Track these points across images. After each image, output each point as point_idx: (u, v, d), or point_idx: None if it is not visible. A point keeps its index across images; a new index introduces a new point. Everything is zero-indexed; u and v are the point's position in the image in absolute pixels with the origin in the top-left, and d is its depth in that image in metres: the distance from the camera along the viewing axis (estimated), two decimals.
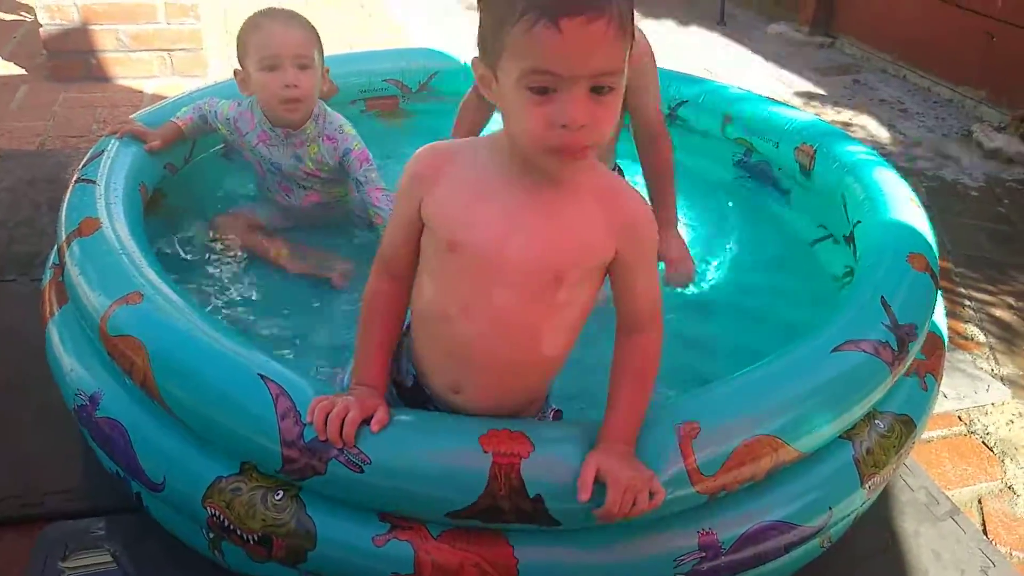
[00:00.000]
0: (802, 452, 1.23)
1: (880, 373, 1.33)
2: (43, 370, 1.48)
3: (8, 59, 3.41)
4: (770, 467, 1.19)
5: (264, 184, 2.06)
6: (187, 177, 2.05)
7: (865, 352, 1.31)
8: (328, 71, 1.95)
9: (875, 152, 2.05)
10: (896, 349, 1.35)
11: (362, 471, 1.08)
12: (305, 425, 1.10)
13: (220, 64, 3.35)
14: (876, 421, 1.37)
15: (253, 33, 1.82)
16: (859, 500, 1.34)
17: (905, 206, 1.75)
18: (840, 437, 1.31)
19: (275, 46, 1.80)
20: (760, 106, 2.30)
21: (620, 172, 1.84)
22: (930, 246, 1.63)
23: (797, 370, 1.28)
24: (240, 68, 1.88)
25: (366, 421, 1.10)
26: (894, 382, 1.38)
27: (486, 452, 1.08)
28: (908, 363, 1.42)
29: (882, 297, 1.41)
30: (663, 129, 1.86)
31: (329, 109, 1.97)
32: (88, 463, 1.47)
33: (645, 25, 4.59)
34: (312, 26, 1.89)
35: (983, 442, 1.79)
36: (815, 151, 2.09)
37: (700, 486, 1.13)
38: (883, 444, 1.35)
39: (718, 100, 2.39)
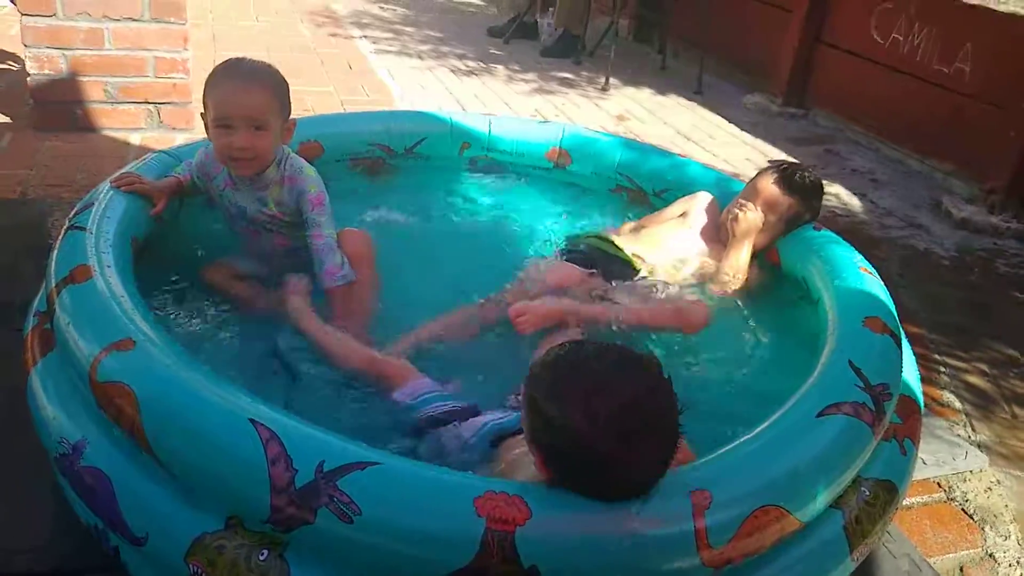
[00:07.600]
0: (803, 523, 1.23)
1: (864, 435, 1.34)
2: (9, 422, 1.42)
3: None
4: (775, 539, 1.19)
5: (234, 229, 2.05)
6: (175, 226, 2.04)
7: (848, 415, 1.33)
8: (295, 123, 1.90)
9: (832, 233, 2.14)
10: (874, 410, 1.37)
11: (352, 522, 1.06)
12: (296, 471, 1.09)
13: None
14: (861, 488, 1.38)
15: (212, 89, 1.78)
16: (847, 571, 1.34)
17: (861, 275, 1.83)
18: (830, 506, 1.31)
19: (229, 107, 1.75)
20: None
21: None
22: (888, 310, 1.68)
23: (791, 438, 1.29)
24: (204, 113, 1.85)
25: None
26: (876, 445, 1.40)
27: (479, 516, 1.06)
28: (886, 424, 1.44)
29: (849, 360, 1.45)
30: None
31: (293, 154, 1.96)
32: (58, 521, 1.42)
33: (626, 91, 4.75)
34: (274, 81, 1.82)
35: (963, 509, 1.80)
36: None
37: (707, 556, 1.12)
38: (868, 512, 1.36)
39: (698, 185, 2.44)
